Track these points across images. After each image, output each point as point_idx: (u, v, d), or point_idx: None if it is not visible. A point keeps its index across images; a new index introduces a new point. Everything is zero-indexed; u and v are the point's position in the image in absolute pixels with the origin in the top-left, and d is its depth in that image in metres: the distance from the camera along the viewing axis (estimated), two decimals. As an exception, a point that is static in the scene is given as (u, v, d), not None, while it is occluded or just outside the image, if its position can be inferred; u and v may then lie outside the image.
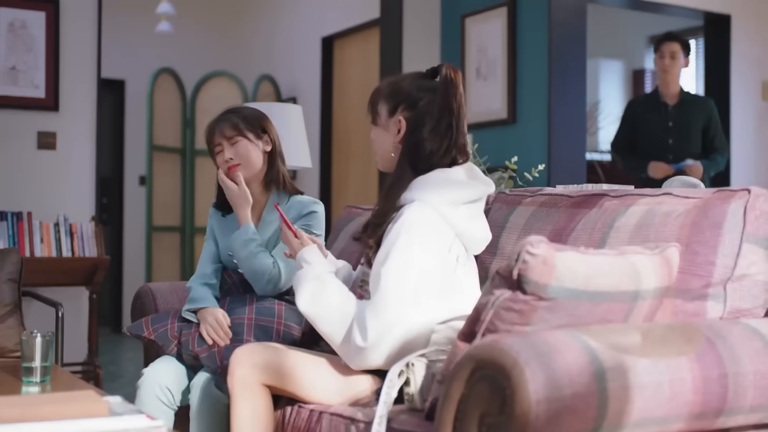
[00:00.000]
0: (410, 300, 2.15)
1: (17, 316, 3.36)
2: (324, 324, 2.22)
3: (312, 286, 2.26)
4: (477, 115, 5.37)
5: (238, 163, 2.81)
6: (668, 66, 5.23)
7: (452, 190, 2.26)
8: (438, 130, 2.29)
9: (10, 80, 4.74)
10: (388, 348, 2.14)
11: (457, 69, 2.34)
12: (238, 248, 2.77)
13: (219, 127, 2.83)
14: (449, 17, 5.67)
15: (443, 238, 2.23)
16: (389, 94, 2.35)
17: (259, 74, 7.80)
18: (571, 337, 1.67)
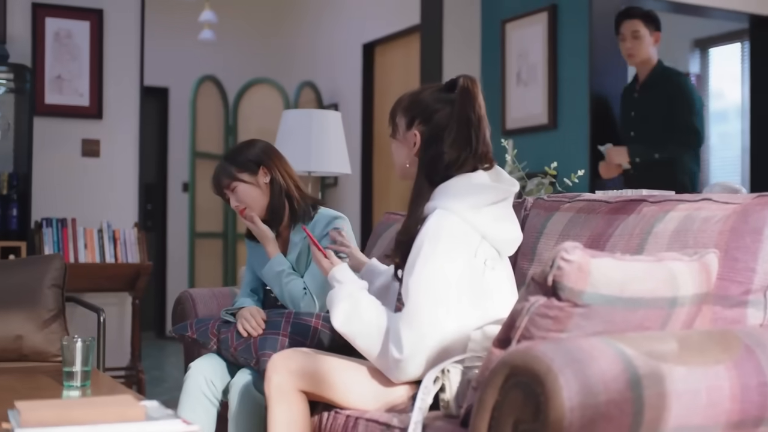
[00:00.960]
0: (441, 308, 2.15)
1: (61, 322, 3.41)
2: (360, 340, 2.23)
3: (345, 304, 2.27)
4: (517, 121, 5.35)
5: (245, 207, 2.93)
6: (632, 48, 4.54)
7: (474, 193, 2.25)
8: (457, 142, 2.28)
9: (55, 89, 4.81)
10: (424, 358, 2.14)
11: (475, 79, 2.33)
12: (271, 281, 2.89)
13: (218, 180, 2.97)
14: (489, 22, 5.66)
15: (468, 243, 2.22)
16: (407, 107, 2.37)
17: (301, 81, 7.84)
18: (606, 344, 1.66)
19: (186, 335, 2.82)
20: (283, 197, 2.93)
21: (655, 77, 4.54)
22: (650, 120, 4.51)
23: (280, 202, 2.93)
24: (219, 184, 2.96)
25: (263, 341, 2.60)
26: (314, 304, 2.80)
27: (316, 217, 2.92)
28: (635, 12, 4.57)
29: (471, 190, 2.25)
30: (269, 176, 2.93)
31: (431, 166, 2.31)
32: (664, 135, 4.46)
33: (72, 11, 4.84)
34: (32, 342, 3.29)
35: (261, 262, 2.96)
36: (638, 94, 4.59)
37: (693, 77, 8.13)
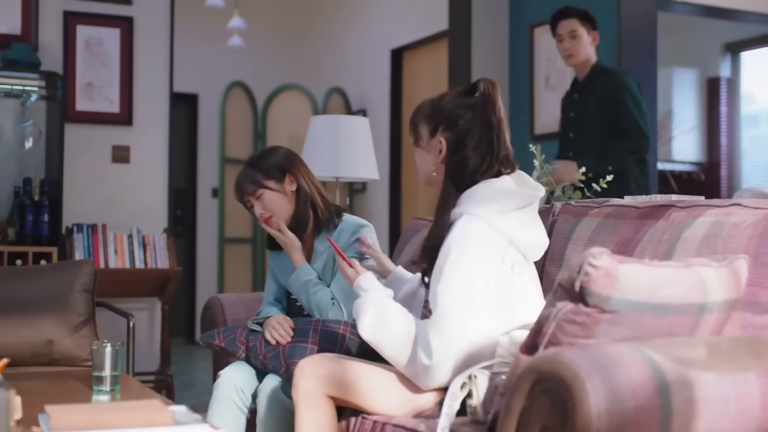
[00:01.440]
0: (469, 313, 2.14)
1: (91, 327, 3.43)
2: (388, 348, 2.23)
3: (372, 313, 2.27)
4: (545, 125, 5.33)
5: (270, 216, 2.89)
6: (570, 48, 4.33)
7: (500, 198, 2.24)
8: (480, 146, 2.29)
9: (86, 96, 4.86)
10: (453, 364, 2.14)
11: (495, 82, 2.34)
12: (297, 290, 2.87)
13: (242, 186, 2.93)
14: (518, 27, 5.65)
15: (495, 247, 2.22)
16: (429, 114, 2.36)
17: (329, 87, 7.86)
18: (634, 350, 1.65)
19: (214, 344, 2.82)
20: (308, 205, 2.91)
21: (594, 77, 4.33)
22: (589, 120, 4.32)
23: (306, 210, 2.91)
24: (242, 191, 2.93)
25: (292, 349, 2.61)
26: (342, 314, 2.79)
27: (340, 225, 2.90)
28: (572, 11, 4.35)
29: (497, 195, 2.25)
30: (295, 184, 2.92)
31: (457, 171, 2.31)
32: (606, 137, 4.22)
33: (103, 19, 4.88)
34: (63, 346, 3.32)
35: (285, 271, 2.95)
36: (578, 94, 4.40)
37: (723, 81, 8.06)
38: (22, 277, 3.53)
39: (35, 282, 3.48)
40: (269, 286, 3.04)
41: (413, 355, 2.17)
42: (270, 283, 3.04)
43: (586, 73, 4.37)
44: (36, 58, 4.54)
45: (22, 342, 3.28)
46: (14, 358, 2.98)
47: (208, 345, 2.85)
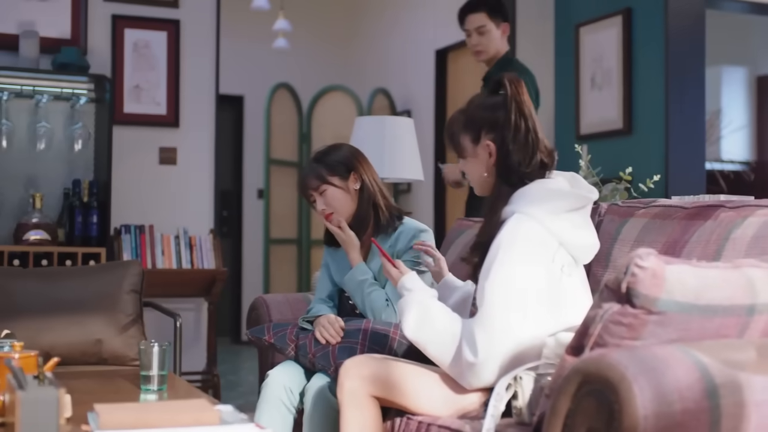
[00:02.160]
0: (516, 313, 2.14)
1: (138, 327, 3.47)
2: (432, 347, 2.22)
3: (415, 312, 2.27)
4: (591, 126, 5.29)
5: (332, 212, 2.87)
6: (478, 45, 4.15)
7: (553, 199, 2.24)
8: (519, 139, 2.31)
9: (134, 98, 4.91)
10: (498, 362, 2.13)
11: (518, 77, 2.37)
12: (353, 289, 2.85)
13: (306, 180, 2.90)
14: (563, 27, 5.62)
15: (546, 248, 2.21)
16: (466, 124, 2.37)
17: (374, 88, 7.87)
18: (682, 352, 1.63)
19: (263, 339, 2.83)
20: (370, 205, 2.90)
21: (498, 70, 4.09)
22: None
23: (367, 209, 2.90)
24: (306, 186, 2.90)
25: (342, 350, 2.61)
26: (395, 315, 2.79)
27: (400, 228, 2.89)
28: (480, 4, 4.14)
29: (550, 196, 2.24)
30: (359, 183, 2.90)
31: (506, 168, 2.32)
32: None
33: (150, 22, 4.94)
34: (111, 346, 3.36)
35: (341, 269, 2.95)
36: (482, 88, 4.15)
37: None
38: (72, 278, 3.58)
39: (84, 282, 3.53)
40: (322, 283, 3.03)
41: (458, 354, 2.17)
42: (323, 279, 3.03)
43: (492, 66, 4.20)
44: (85, 62, 4.60)
45: (71, 341, 3.33)
46: (64, 357, 3.03)
47: (257, 340, 2.85)
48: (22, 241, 4.35)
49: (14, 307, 3.34)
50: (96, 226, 4.51)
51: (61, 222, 4.56)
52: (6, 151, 4.51)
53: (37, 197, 4.42)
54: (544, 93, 5.63)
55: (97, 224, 4.51)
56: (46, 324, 3.33)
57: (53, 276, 3.60)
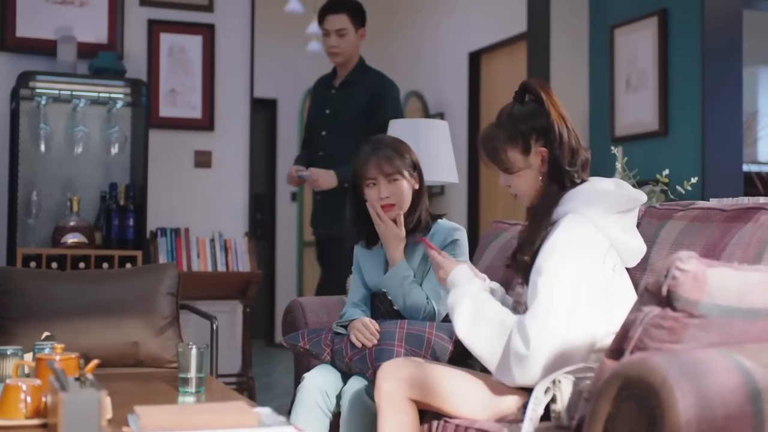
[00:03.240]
0: (569, 311, 2.14)
1: (175, 329, 3.49)
2: (484, 341, 2.23)
3: (468, 304, 2.28)
4: (626, 128, 5.26)
5: (393, 204, 2.84)
6: (336, 47, 4.12)
7: (604, 200, 2.27)
8: (564, 141, 2.33)
9: (169, 102, 4.95)
10: (547, 357, 2.12)
11: (544, 82, 2.40)
12: (393, 287, 2.82)
13: (378, 162, 2.84)
14: (598, 28, 5.59)
15: (598, 248, 2.23)
16: (511, 137, 2.36)
17: (407, 90, 7.87)
18: (724, 356, 1.62)
19: (298, 345, 2.83)
20: (419, 206, 2.91)
21: (358, 74, 4.24)
22: (347, 120, 4.13)
23: (418, 211, 2.90)
24: (379, 168, 2.82)
25: (379, 352, 2.61)
26: (435, 314, 2.78)
27: (434, 228, 2.90)
28: (343, 6, 4.13)
29: (601, 196, 2.26)
30: (418, 183, 2.91)
31: (556, 171, 2.34)
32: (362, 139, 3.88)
33: (185, 26, 4.97)
34: (148, 348, 3.39)
35: (376, 268, 2.95)
36: (337, 91, 4.23)
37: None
38: (109, 281, 3.61)
39: (121, 285, 3.56)
40: (355, 287, 3.03)
41: (506, 348, 2.17)
42: (356, 283, 3.03)
43: (350, 70, 4.24)
44: (122, 66, 4.64)
45: (109, 344, 3.35)
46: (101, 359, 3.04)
47: (292, 347, 2.86)
48: (59, 244, 4.39)
49: (52, 310, 3.38)
50: (132, 229, 4.54)
51: (98, 225, 4.60)
52: (44, 155, 4.56)
53: (75, 200, 4.47)
54: (579, 94, 5.61)
55: (133, 227, 4.54)
56: (83, 326, 3.36)
57: (90, 279, 3.63)
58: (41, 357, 2.25)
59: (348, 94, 4.24)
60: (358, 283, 3.02)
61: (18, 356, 2.50)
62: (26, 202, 4.52)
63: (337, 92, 4.28)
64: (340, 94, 4.27)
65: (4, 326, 3.34)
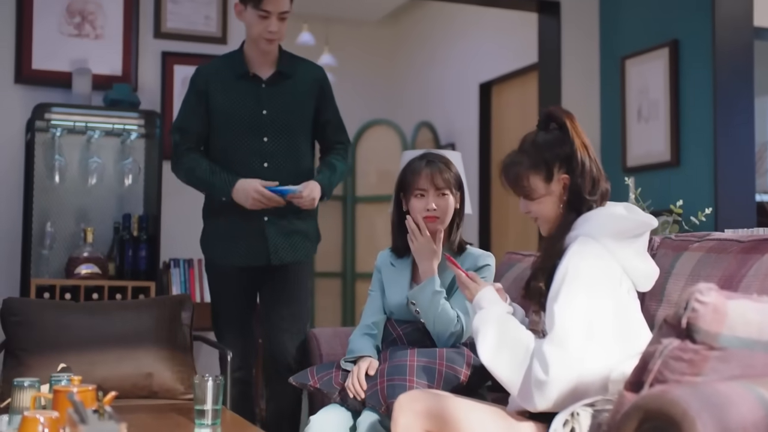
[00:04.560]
0: (585, 336, 2.14)
1: (189, 360, 3.50)
2: (506, 364, 2.23)
3: (494, 329, 2.28)
4: (638, 158, 5.27)
5: (438, 216, 2.86)
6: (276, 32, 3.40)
7: (616, 224, 2.28)
8: (585, 167, 2.34)
9: (182, 133, 4.97)
10: (566, 383, 2.12)
11: (568, 111, 2.41)
12: (424, 301, 2.80)
13: (431, 174, 2.86)
14: (609, 60, 5.61)
15: (611, 271, 2.24)
16: (535, 164, 2.36)
17: (418, 121, 7.90)
18: (745, 389, 1.61)
19: (308, 384, 2.81)
20: (460, 225, 2.95)
21: (291, 64, 3.54)
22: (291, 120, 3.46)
23: (458, 231, 2.95)
24: (432, 180, 2.85)
25: (392, 388, 2.59)
26: (462, 334, 2.77)
27: (465, 254, 2.92)
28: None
29: (612, 220, 2.28)
30: (459, 204, 2.95)
31: (578, 200, 2.35)
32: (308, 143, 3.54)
33: (199, 58, 4.99)
34: (162, 379, 3.38)
35: (400, 283, 2.93)
36: (268, 86, 3.48)
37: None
38: (123, 312, 3.62)
39: (135, 316, 3.56)
40: (370, 308, 2.99)
41: (527, 373, 2.16)
42: (372, 304, 2.99)
43: (276, 58, 3.51)
44: (136, 98, 4.67)
45: (123, 375, 3.35)
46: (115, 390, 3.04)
47: (302, 386, 2.84)
48: (73, 274, 4.40)
49: (67, 341, 3.38)
50: (145, 260, 4.55)
51: (111, 256, 4.61)
52: (58, 186, 4.58)
53: (89, 231, 4.48)
54: (590, 125, 5.62)
55: (146, 258, 4.55)
56: (97, 357, 3.36)
57: (104, 310, 3.64)
58: (59, 389, 2.25)
59: (285, 89, 3.47)
60: (373, 304, 2.99)
61: (35, 388, 2.49)
62: (40, 232, 4.53)
63: (270, 88, 3.48)
64: (274, 89, 3.48)
65: (18, 357, 3.35)
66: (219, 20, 5.05)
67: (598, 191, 2.35)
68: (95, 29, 4.80)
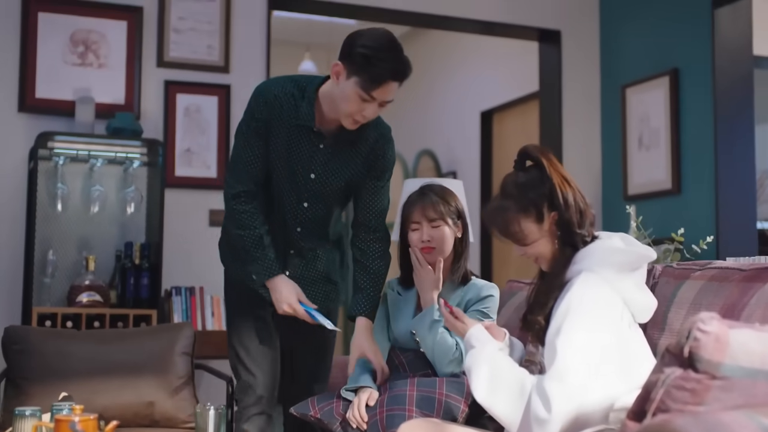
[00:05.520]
0: (588, 372, 2.13)
1: (190, 389, 3.49)
2: (502, 404, 2.21)
3: (485, 367, 2.27)
4: (639, 186, 5.28)
5: (433, 247, 2.87)
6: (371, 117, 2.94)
7: (616, 258, 2.28)
8: (570, 204, 2.33)
9: (185, 162, 4.99)
10: (568, 418, 2.11)
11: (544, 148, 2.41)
12: (423, 330, 2.82)
13: (423, 207, 2.90)
14: (609, 88, 5.64)
15: (614, 306, 2.24)
16: (524, 209, 2.34)
17: (419, 149, 7.92)
18: (748, 418, 1.61)
19: (309, 415, 2.79)
20: (461, 258, 2.94)
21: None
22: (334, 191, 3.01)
23: (463, 259, 2.94)
24: (423, 213, 2.89)
25: (391, 418, 2.59)
26: (461, 364, 2.76)
27: (469, 285, 2.92)
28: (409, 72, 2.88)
29: (613, 254, 2.27)
30: (461, 233, 2.95)
31: (567, 233, 2.34)
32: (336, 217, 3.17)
33: (202, 87, 5.03)
34: (163, 408, 3.38)
35: (405, 313, 2.94)
36: (327, 148, 2.94)
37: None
38: (124, 340, 3.62)
39: (137, 344, 3.56)
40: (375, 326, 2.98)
41: (527, 410, 2.15)
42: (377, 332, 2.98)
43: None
44: (138, 127, 4.69)
45: (124, 403, 3.35)
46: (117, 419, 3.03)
47: (302, 416, 2.83)
48: (75, 303, 4.40)
49: (68, 369, 3.38)
50: (147, 288, 4.55)
51: (113, 284, 4.61)
52: (61, 215, 4.59)
53: (90, 259, 4.48)
54: (591, 152, 5.64)
55: (148, 286, 4.55)
56: (99, 386, 3.36)
57: (106, 338, 3.64)
58: (60, 418, 2.25)
59: (342, 155, 2.98)
60: (377, 333, 2.99)
61: (36, 417, 2.50)
62: (42, 260, 4.54)
63: (327, 149, 2.96)
64: (331, 152, 2.97)
65: (19, 386, 3.34)
66: (222, 49, 5.08)
67: (586, 222, 2.35)
68: (98, 58, 4.83)
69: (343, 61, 2.78)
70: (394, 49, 2.78)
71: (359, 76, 2.76)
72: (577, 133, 5.67)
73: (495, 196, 2.43)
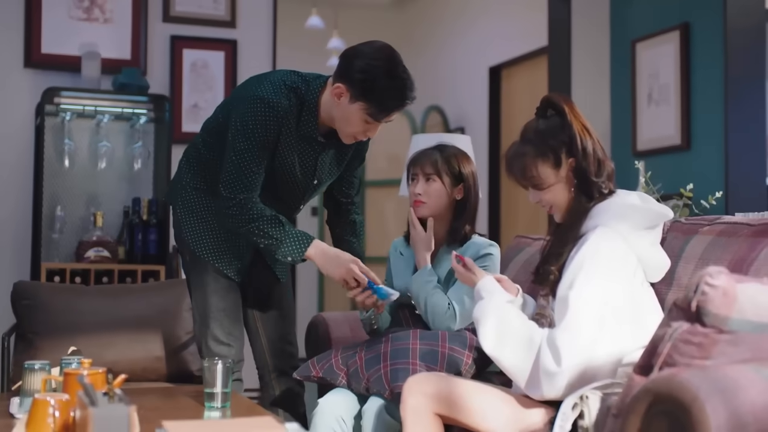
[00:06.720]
0: (599, 326, 2.13)
1: (199, 343, 3.50)
2: (510, 353, 2.22)
3: (494, 318, 2.27)
4: (649, 142, 5.25)
5: (424, 201, 2.88)
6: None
7: (633, 214, 2.27)
8: (588, 149, 2.33)
9: (191, 117, 4.97)
10: (577, 372, 2.12)
11: (566, 96, 2.41)
12: (416, 289, 2.84)
13: (421, 160, 2.92)
14: (619, 43, 5.58)
15: (628, 263, 2.24)
16: (541, 153, 2.34)
17: (427, 105, 7.88)
18: (755, 373, 1.61)
19: (311, 376, 2.80)
20: (465, 221, 2.92)
21: None
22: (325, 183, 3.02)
23: (461, 222, 2.91)
24: (420, 166, 2.91)
25: (395, 372, 2.59)
26: (454, 320, 2.77)
27: (469, 242, 2.91)
28: None
29: (630, 211, 2.27)
30: (462, 196, 2.92)
31: (586, 183, 2.33)
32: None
33: (208, 42, 5.00)
34: (171, 362, 3.40)
35: (405, 271, 2.95)
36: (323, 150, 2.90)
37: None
38: (132, 295, 3.63)
39: (145, 300, 3.58)
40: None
41: (536, 363, 2.16)
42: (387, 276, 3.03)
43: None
44: (145, 82, 4.68)
45: (133, 358, 3.37)
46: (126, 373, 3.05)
47: (305, 378, 2.82)
48: (83, 258, 4.42)
49: (77, 324, 3.40)
50: (155, 244, 4.56)
51: (121, 240, 4.63)
52: (68, 171, 4.60)
53: (98, 215, 4.49)
54: (600, 108, 5.60)
55: (156, 242, 4.56)
56: (108, 341, 3.38)
57: (114, 293, 3.66)
58: (69, 372, 2.26)
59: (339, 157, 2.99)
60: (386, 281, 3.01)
61: (45, 371, 2.51)
62: (50, 217, 4.55)
63: (328, 155, 2.95)
64: (331, 157, 2.97)
65: (29, 340, 3.37)
66: (228, 4, 5.05)
67: (604, 172, 2.34)
68: (104, 13, 4.80)
69: (343, 83, 2.74)
70: (395, 71, 2.75)
71: (366, 103, 2.70)
72: (586, 89, 5.62)
73: (515, 142, 2.43)
